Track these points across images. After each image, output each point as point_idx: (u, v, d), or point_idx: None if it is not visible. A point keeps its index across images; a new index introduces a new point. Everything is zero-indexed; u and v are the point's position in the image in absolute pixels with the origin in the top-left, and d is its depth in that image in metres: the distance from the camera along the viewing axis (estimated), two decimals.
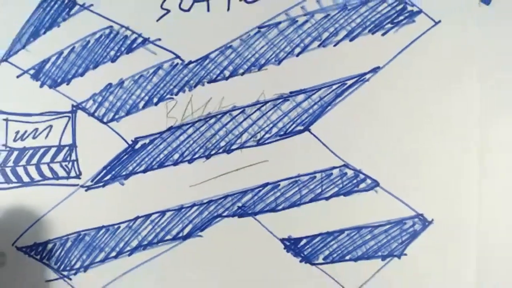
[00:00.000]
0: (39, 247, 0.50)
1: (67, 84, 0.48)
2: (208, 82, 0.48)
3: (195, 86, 0.48)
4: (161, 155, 0.48)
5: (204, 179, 0.48)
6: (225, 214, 0.48)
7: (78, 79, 0.48)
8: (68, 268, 0.50)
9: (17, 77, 0.49)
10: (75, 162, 0.49)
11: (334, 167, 0.47)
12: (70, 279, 0.50)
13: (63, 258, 0.50)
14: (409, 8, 0.46)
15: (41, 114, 0.48)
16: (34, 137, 0.49)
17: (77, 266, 0.49)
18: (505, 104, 0.46)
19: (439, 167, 0.47)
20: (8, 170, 0.49)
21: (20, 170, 0.49)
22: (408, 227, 0.47)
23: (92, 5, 0.48)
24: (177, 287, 0.49)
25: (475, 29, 0.46)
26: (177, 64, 0.48)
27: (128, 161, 0.48)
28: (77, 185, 0.49)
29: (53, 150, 0.49)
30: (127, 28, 0.48)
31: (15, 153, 0.49)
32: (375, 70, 0.47)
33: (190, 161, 0.48)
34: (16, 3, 0.48)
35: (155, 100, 0.48)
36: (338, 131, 0.47)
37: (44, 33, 0.48)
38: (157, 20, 0.47)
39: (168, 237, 0.49)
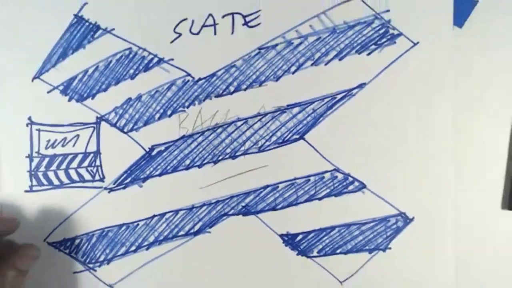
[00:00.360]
0: (67, 242, 0.55)
1: (92, 99, 0.53)
2: (215, 97, 0.53)
3: (204, 100, 0.53)
4: (175, 161, 0.53)
5: (212, 182, 0.53)
6: (230, 212, 0.53)
7: (102, 94, 0.53)
8: (93, 261, 0.55)
9: (48, 92, 0.54)
10: (99, 167, 0.54)
11: (326, 171, 0.52)
12: (95, 270, 0.55)
13: (89, 252, 0.55)
14: (391, 31, 0.52)
15: (70, 125, 0.53)
16: (63, 145, 0.54)
17: (101, 259, 0.55)
18: (477, 115, 0.51)
19: (419, 171, 0.51)
20: (40, 174, 0.54)
21: (51, 174, 0.54)
22: (391, 224, 0.52)
23: (114, 29, 0.53)
24: (189, 277, 0.54)
25: (449, 49, 0.51)
26: (188, 81, 0.53)
27: (146, 166, 0.53)
28: (101, 187, 0.54)
29: (79, 156, 0.54)
30: (144, 50, 0.53)
31: (46, 159, 0.54)
32: (361, 86, 0.52)
33: (200, 166, 0.53)
34: (46, 28, 0.53)
35: (169, 112, 0.53)
36: (329, 139, 0.52)
37: (72, 53, 0.54)
38: (171, 43, 0.53)
39: (181, 233, 0.54)
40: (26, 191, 0.54)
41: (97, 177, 0.54)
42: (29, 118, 0.54)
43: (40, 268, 0.54)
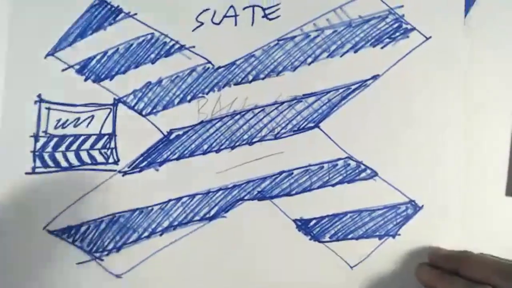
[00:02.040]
0: (71, 230, 0.55)
1: (110, 80, 0.56)
2: (234, 84, 0.57)
3: (223, 87, 0.56)
4: (193, 145, 0.56)
5: (229, 167, 0.56)
6: (246, 197, 0.57)
7: (121, 76, 0.56)
8: (100, 250, 0.56)
9: (62, 70, 0.55)
10: (114, 150, 0.55)
11: (339, 159, 0.57)
12: (102, 260, 0.55)
13: (96, 240, 0.56)
14: (404, 25, 0.58)
15: (84, 105, 0.55)
16: (75, 126, 0.55)
17: (110, 247, 0.56)
18: (487, 107, 0.57)
19: (429, 161, 0.57)
20: (46, 155, 0.55)
21: (59, 156, 0.55)
22: (401, 211, 0.57)
23: (136, 14, 0.56)
24: (204, 262, 0.56)
25: (460, 44, 0.57)
26: (209, 68, 0.57)
27: (163, 150, 0.56)
28: (115, 170, 0.55)
29: (93, 138, 0.55)
30: (166, 36, 0.56)
31: (55, 139, 0.55)
32: (374, 77, 0.57)
33: (217, 151, 0.56)
34: (66, 5, 0.54)
35: (188, 97, 0.56)
36: (343, 128, 0.57)
37: (91, 34, 0.56)
38: (193, 31, 0.57)
39: (196, 218, 0.56)
40: (27, 173, 0.54)
41: (111, 160, 0.55)
42: (39, 96, 0.55)
43: (38, 260, 0.54)
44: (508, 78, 0.58)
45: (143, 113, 0.56)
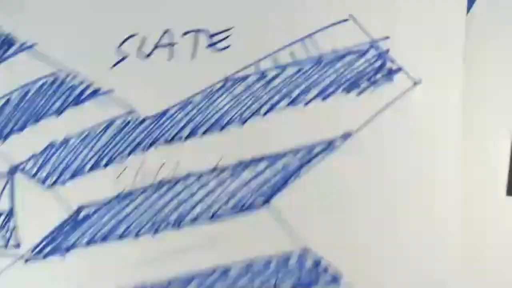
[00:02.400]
0: None
1: (3, 141, 0.54)
2: (164, 142, 0.53)
3: (149, 147, 0.53)
4: (106, 228, 0.53)
5: (150, 257, 0.53)
6: None
7: (16, 136, 0.54)
8: None
9: None
10: (14, 231, 0.54)
11: (293, 251, 0.52)
12: None
13: None
14: (389, 64, 0.50)
15: None
16: None
17: None
18: (487, 107, 0.58)
19: (415, 262, 0.52)
20: None
21: None
22: None
23: (36, 44, 0.54)
24: None
25: (458, 90, 0.53)
26: (130, 121, 0.52)
27: (71, 232, 0.53)
28: (16, 256, 0.54)
29: None
30: (75, 76, 0.53)
31: None
32: (346, 136, 0.51)
33: (136, 236, 0.53)
34: None
35: (103, 162, 0.53)
36: (300, 207, 0.52)
37: None
38: (112, 67, 0.53)
39: None
40: None
41: (12, 243, 0.54)
42: None
43: None
44: (508, 78, 0.58)
45: (46, 184, 0.53)
